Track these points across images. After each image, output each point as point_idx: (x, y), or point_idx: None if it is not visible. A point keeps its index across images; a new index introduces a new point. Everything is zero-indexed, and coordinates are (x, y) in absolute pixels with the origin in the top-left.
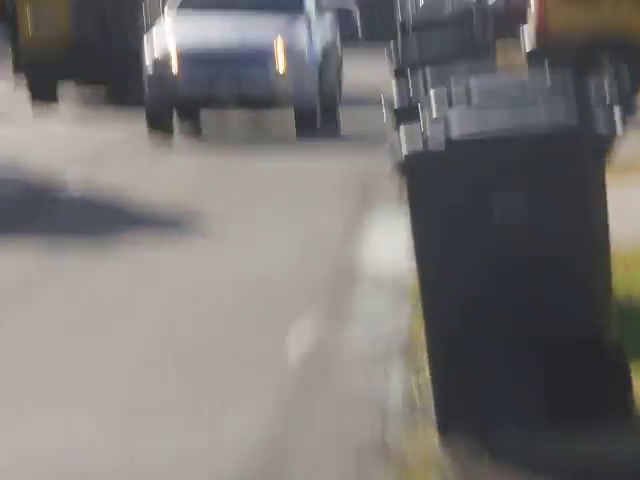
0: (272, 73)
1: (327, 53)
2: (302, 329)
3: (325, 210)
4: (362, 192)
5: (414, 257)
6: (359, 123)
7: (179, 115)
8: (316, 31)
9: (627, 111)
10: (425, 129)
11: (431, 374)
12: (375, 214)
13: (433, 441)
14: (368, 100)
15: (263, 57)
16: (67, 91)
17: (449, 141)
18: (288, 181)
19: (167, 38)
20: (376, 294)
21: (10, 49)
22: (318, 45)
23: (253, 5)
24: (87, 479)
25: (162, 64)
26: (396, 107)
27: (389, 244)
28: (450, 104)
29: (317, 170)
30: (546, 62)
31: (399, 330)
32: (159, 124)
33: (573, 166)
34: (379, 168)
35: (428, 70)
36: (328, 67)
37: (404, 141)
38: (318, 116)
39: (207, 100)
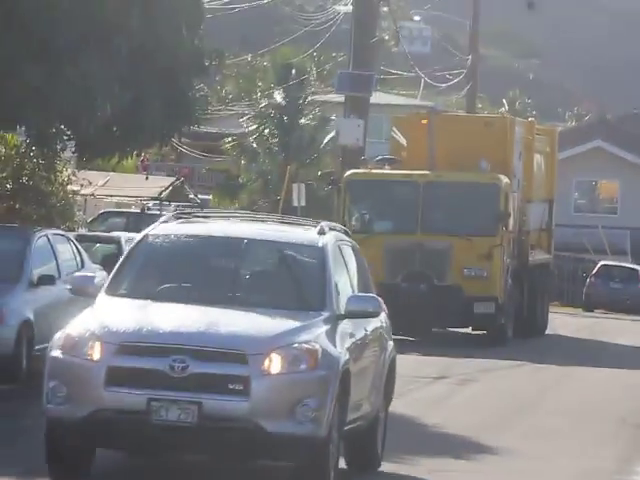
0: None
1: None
2: None
3: None
4: None
5: None
6: None
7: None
8: (344, 335)
9: None
10: None
11: None
12: None
13: None
14: None
15: (237, 366)
16: None
17: None
18: None
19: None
20: None
21: None
22: (342, 354)
23: (244, 300)
24: None
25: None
26: None
27: None
28: None
29: None
30: None
31: None
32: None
33: None
34: None
35: None
36: (360, 383)
37: None
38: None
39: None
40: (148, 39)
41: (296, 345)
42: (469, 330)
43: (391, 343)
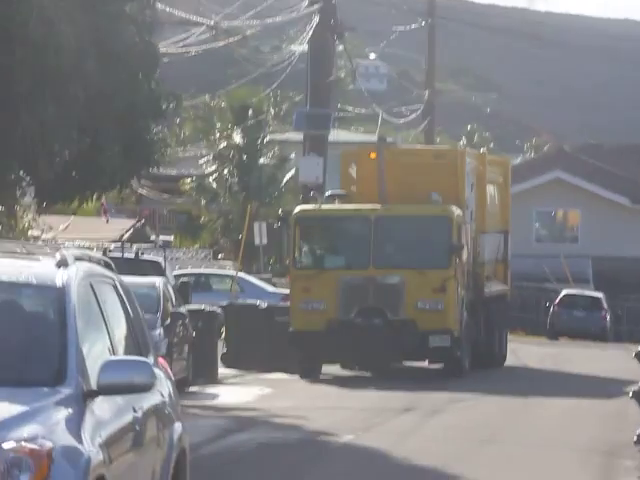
0: None
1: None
2: None
3: None
4: None
5: None
6: None
7: None
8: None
9: None
10: None
11: None
12: None
13: None
14: None
15: None
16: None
17: None
18: None
19: None
20: None
21: None
22: (93, 454)
23: None
24: None
25: None
26: None
27: None
28: None
29: None
30: None
31: None
32: None
33: None
34: None
35: None
36: None
37: None
38: None
39: None
40: (105, 84)
41: (13, 444)
42: (425, 363)
43: (179, 426)
